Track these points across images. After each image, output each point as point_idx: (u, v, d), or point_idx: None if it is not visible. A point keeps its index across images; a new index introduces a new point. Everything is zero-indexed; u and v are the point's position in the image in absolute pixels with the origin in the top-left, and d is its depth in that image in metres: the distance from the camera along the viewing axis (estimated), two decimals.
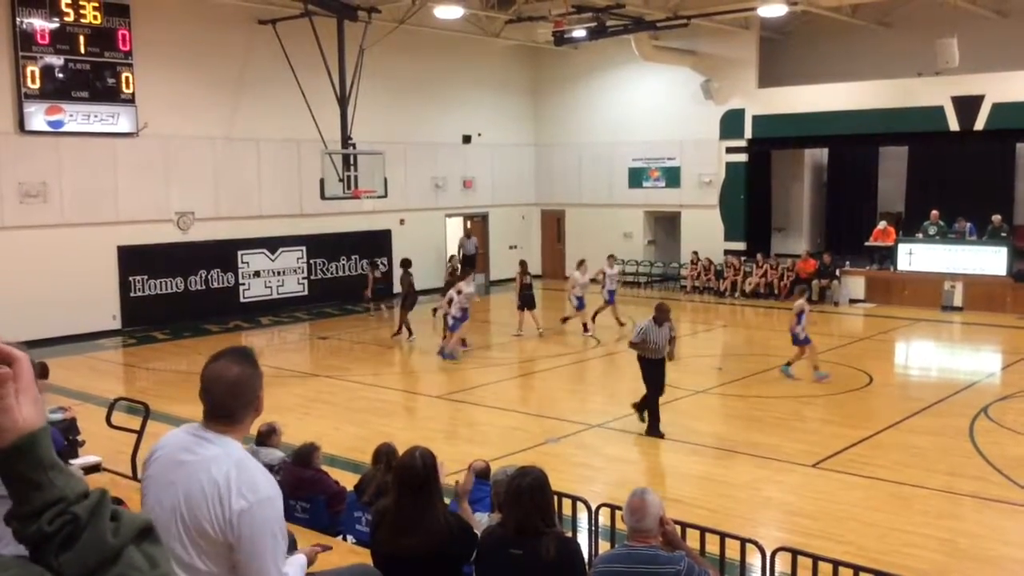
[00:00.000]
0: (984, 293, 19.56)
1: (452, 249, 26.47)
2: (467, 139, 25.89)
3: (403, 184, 23.37)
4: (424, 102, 24.49)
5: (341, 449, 9.74)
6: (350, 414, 12.01)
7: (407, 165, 23.84)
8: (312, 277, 22.51)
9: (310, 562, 3.82)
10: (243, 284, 21.15)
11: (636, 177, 26.11)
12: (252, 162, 21.02)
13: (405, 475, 4.02)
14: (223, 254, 20.67)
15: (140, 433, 8.08)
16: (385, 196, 20.13)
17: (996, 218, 20.79)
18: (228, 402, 2.91)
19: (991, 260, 20.31)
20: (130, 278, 19.16)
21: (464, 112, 25.69)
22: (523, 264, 19.49)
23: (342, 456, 9.47)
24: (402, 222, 24.12)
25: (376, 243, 23.56)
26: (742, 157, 24.23)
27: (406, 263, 19.08)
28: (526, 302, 18.62)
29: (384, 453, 6.82)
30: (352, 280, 23.16)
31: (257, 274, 21.38)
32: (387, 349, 18.37)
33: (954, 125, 20.86)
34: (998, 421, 11.56)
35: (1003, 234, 20.67)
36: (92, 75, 18.07)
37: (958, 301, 20.28)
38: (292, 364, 16.04)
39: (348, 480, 7.34)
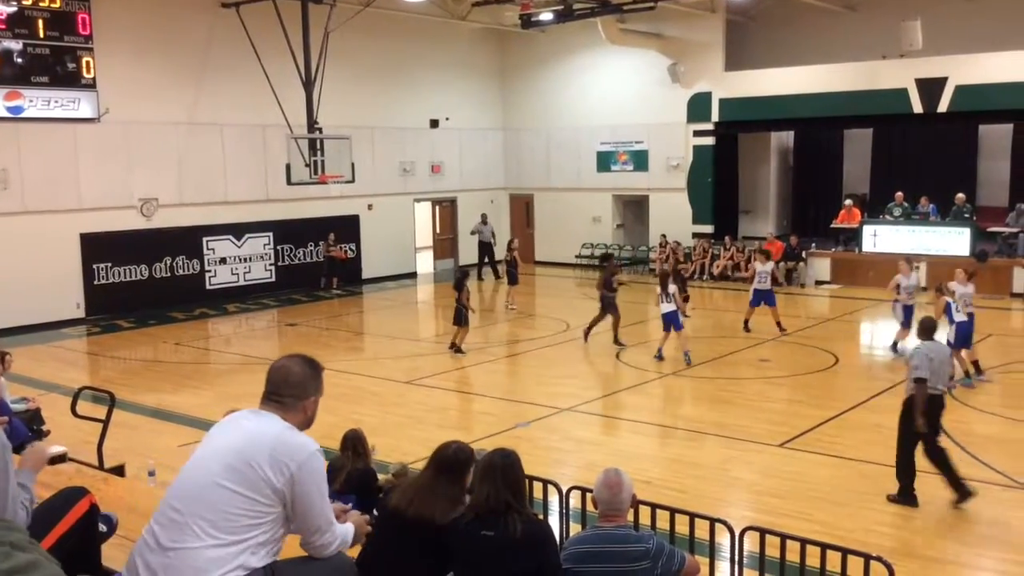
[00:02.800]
0: (948, 273, 19.61)
1: (424, 233, 26.40)
2: (435, 123, 25.75)
3: (371, 169, 23.21)
4: (391, 86, 24.31)
5: (311, 435, 9.66)
6: (320, 400, 11.90)
7: (374, 150, 23.69)
8: (279, 263, 22.32)
9: (360, 535, 3.87)
10: (209, 271, 20.93)
11: (604, 161, 26.12)
12: (216, 147, 20.76)
13: (438, 457, 4.21)
14: (188, 241, 20.43)
15: (105, 423, 7.97)
16: (352, 181, 19.98)
17: (960, 197, 21.05)
18: (283, 390, 3.43)
19: (954, 241, 20.57)
20: (93, 266, 18.89)
21: (431, 96, 25.54)
22: (510, 243, 21.38)
23: None
24: (370, 207, 23.97)
25: (344, 228, 23.40)
26: (709, 140, 24.32)
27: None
28: (511, 279, 20.32)
29: (352, 440, 6.76)
30: (320, 265, 23.00)
31: (223, 261, 21.16)
32: (356, 335, 18.28)
33: (918, 107, 21.06)
34: (962, 400, 11.73)
35: (966, 215, 20.94)
36: (52, 60, 17.72)
37: (922, 282, 20.48)
38: (260, 351, 15.91)
39: None
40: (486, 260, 24.77)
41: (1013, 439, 10.31)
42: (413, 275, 25.32)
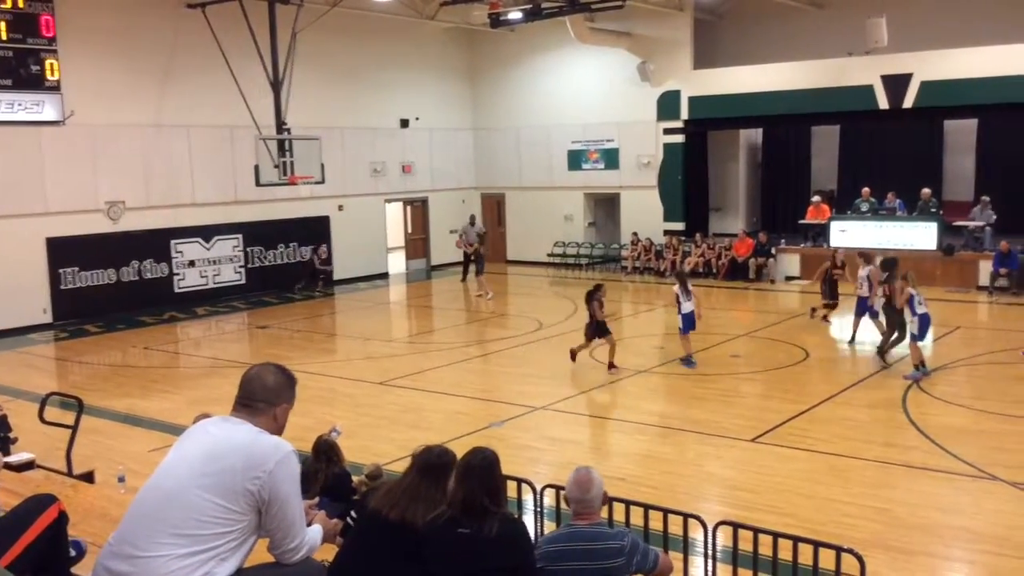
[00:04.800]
0: (914, 268, 19.78)
1: (396, 234, 26.32)
2: (405, 123, 25.68)
3: (341, 169, 23.12)
4: (360, 86, 24.22)
5: (284, 438, 9.59)
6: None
7: (344, 150, 23.58)
8: (249, 265, 22.15)
9: (328, 536, 3.87)
10: (177, 274, 20.74)
11: (575, 159, 26.18)
12: (183, 149, 20.57)
13: (420, 460, 4.21)
14: (156, 244, 20.23)
15: (74, 429, 7.87)
16: (322, 182, 19.88)
17: (926, 192, 21.32)
18: (256, 395, 3.45)
19: (921, 235, 20.83)
20: (60, 270, 18.65)
21: (401, 96, 25.48)
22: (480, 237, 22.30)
23: None
24: (341, 208, 23.86)
25: (315, 229, 23.29)
26: (679, 138, 24.45)
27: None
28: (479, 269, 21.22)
29: (324, 447, 6.76)
30: (291, 268, 22.88)
31: (192, 263, 20.97)
32: (328, 337, 18.19)
33: (884, 103, 21.29)
34: (929, 392, 11.88)
35: (932, 209, 21.21)
36: (15, 62, 17.46)
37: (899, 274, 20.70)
38: (231, 354, 15.78)
39: None
40: (472, 260, 24.33)
41: (980, 430, 10.46)
42: (385, 275, 25.25)
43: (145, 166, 19.90)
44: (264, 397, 3.45)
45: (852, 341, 14.86)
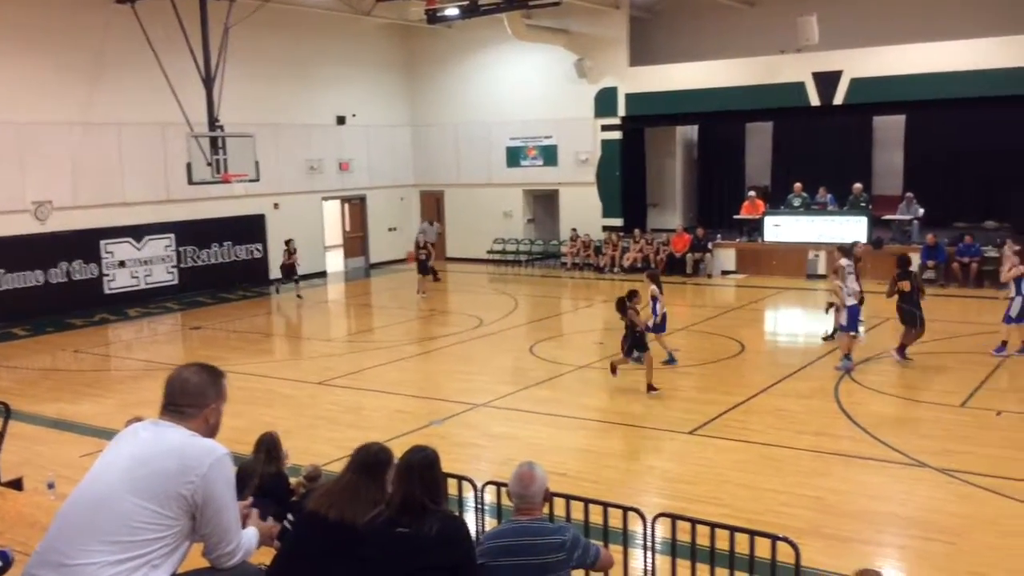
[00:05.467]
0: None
1: (330, 231, 26.04)
2: (341, 120, 25.44)
3: (276, 167, 22.80)
4: (295, 82, 23.91)
5: (219, 441, 9.42)
6: (226, 405, 11.62)
7: (279, 147, 23.26)
8: (182, 265, 21.72)
9: (264, 539, 3.78)
10: (107, 275, 20.24)
11: (514, 156, 26.23)
12: (113, 148, 20.08)
13: (357, 458, 4.14)
14: (85, 244, 19.71)
15: (1, 435, 7.63)
16: (257, 180, 19.54)
17: (856, 187, 21.86)
18: (181, 400, 3.35)
19: (852, 229, 21.28)
20: None
21: (337, 92, 25.23)
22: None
23: None
24: (276, 206, 23.54)
25: (250, 228, 22.94)
26: (616, 135, 24.65)
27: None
28: (422, 268, 20.74)
29: (266, 443, 6.63)
30: (225, 267, 22.50)
31: (122, 264, 20.48)
32: (265, 337, 17.94)
33: (815, 100, 21.75)
34: (860, 382, 12.18)
35: (863, 203, 21.73)
36: None
37: (822, 269, 21.20)
38: (164, 356, 15.46)
39: None
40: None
41: (909, 418, 10.76)
42: (323, 274, 24.98)
43: (74, 165, 19.37)
44: (191, 401, 3.36)
45: (830, 337, 14.54)
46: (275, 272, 23.17)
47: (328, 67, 24.84)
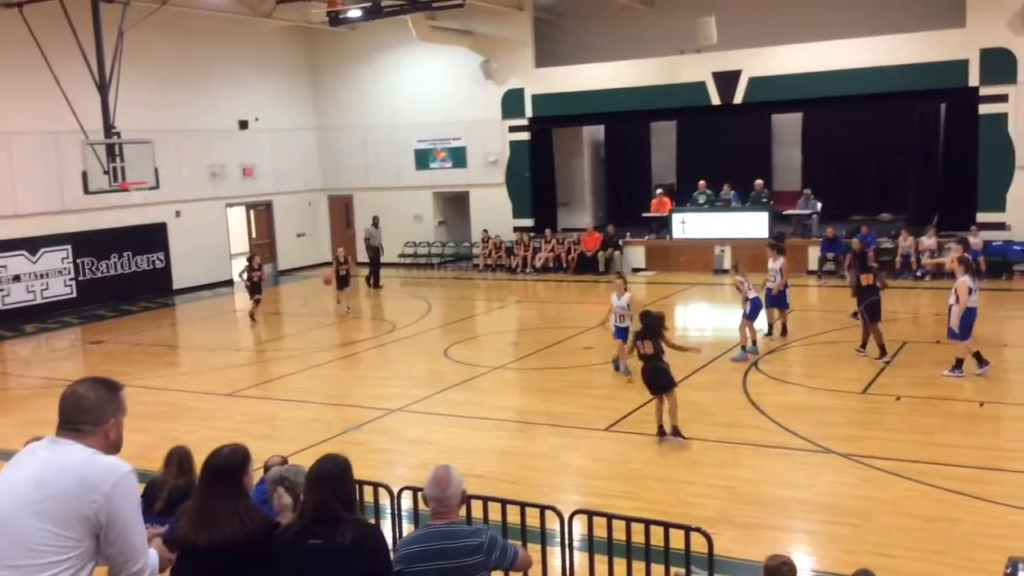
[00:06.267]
0: (750, 255, 20.94)
1: (236, 239, 25.45)
2: (244, 124, 24.92)
3: (177, 174, 22.17)
4: (194, 87, 23.32)
5: (125, 458, 9.11)
6: (132, 421, 11.18)
7: (180, 153, 22.63)
8: (81, 278, 20.94)
9: (163, 562, 3.65)
10: (1, 290, 19.38)
11: (423, 158, 26.11)
12: (3, 158, 19.26)
13: (208, 468, 4.00)
14: None
15: None
16: (157, 187, 18.95)
17: (758, 183, 22.48)
18: (78, 417, 3.22)
19: (754, 224, 21.92)
20: None
21: (239, 96, 24.70)
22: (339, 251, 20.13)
23: None
24: (178, 214, 22.91)
25: (151, 237, 22.28)
26: (525, 136, 24.77)
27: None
28: (342, 283, 19.34)
29: (177, 456, 6.45)
30: (126, 278, 21.77)
31: (17, 278, 19.64)
32: (170, 349, 17.43)
33: (716, 99, 22.26)
34: (767, 373, 12.51)
35: (764, 199, 22.36)
36: None
37: (727, 264, 21.72)
38: (64, 372, 14.84)
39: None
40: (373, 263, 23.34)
41: (814, 406, 11.09)
42: (229, 283, 24.41)
43: None
44: (88, 417, 3.24)
45: (770, 333, 14.63)
46: (179, 282, 22.58)
47: (229, 70, 24.31)
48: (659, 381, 9.74)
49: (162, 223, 22.57)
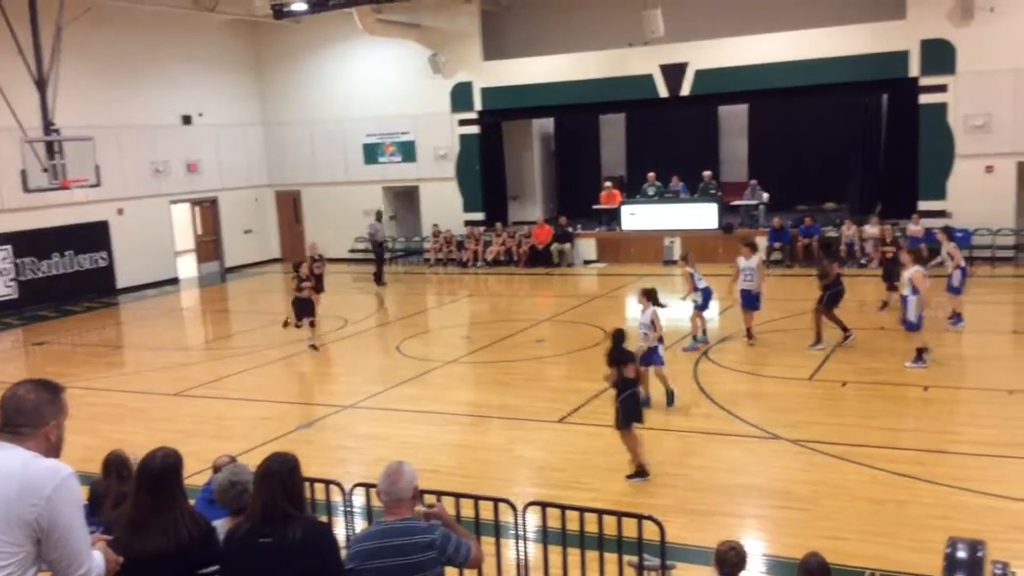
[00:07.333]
0: (699, 246, 21.19)
1: (181, 237, 25.03)
2: (187, 120, 24.48)
3: (119, 171, 21.73)
4: (137, 82, 22.83)
5: (69, 461, 8.91)
6: (75, 423, 10.96)
7: (122, 150, 22.17)
8: (22, 278, 20.42)
9: (110, 566, 3.55)
10: None
11: (371, 153, 25.90)
12: None
13: (143, 473, 3.93)
14: None
15: None
16: (98, 185, 18.51)
17: (706, 174, 22.70)
18: (17, 420, 3.17)
19: (703, 215, 22.13)
20: None
21: (182, 91, 24.25)
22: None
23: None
24: (121, 211, 22.44)
25: (93, 236, 21.79)
26: (474, 129, 24.70)
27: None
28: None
29: (114, 463, 6.32)
30: (69, 278, 21.28)
31: None
32: (115, 349, 17.08)
33: (663, 92, 22.41)
34: (717, 362, 12.65)
35: (712, 191, 22.58)
36: None
37: (677, 255, 21.93)
38: (4, 375, 14.44)
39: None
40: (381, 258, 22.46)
41: (763, 393, 11.24)
42: (175, 281, 24.00)
43: None
44: (27, 420, 3.18)
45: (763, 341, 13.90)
46: (124, 281, 22.16)
47: (172, 65, 23.85)
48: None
49: (104, 221, 22.09)
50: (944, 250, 14.37)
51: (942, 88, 19.96)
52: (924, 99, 20.19)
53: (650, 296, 10.56)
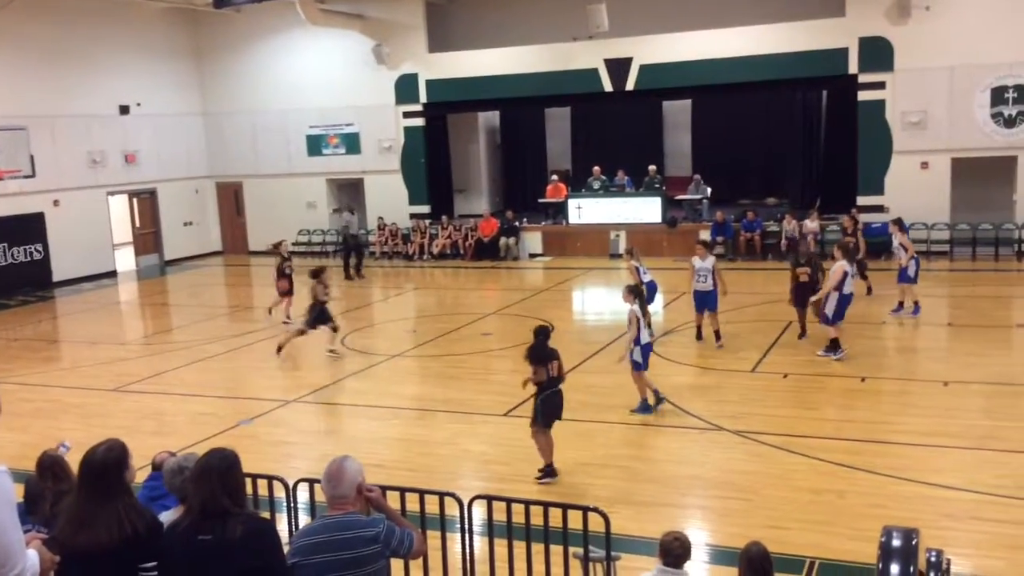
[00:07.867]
0: (644, 240, 21.37)
1: (119, 228, 24.47)
2: (125, 109, 23.92)
3: (54, 161, 21.17)
4: (71, 71, 22.23)
5: (3, 458, 8.64)
6: (10, 419, 10.70)
7: (57, 140, 21.59)
8: None
9: (46, 565, 3.45)
10: None
11: (315, 145, 25.59)
12: None
13: (85, 466, 3.82)
14: None
15: None
16: (33, 175, 18.09)
17: (651, 169, 22.89)
18: None
19: (648, 210, 22.31)
20: None
21: (120, 81, 23.68)
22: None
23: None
24: (56, 203, 21.86)
25: (27, 228, 21.19)
26: (419, 121, 24.55)
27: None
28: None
29: (47, 465, 6.16)
30: (2, 270, 20.68)
31: None
32: (50, 344, 16.64)
33: (608, 86, 22.51)
34: (662, 355, 12.74)
35: (656, 185, 22.77)
36: None
37: (622, 248, 22.05)
38: None
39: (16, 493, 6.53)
40: (352, 256, 21.61)
41: (706, 386, 11.38)
42: (113, 274, 23.46)
43: None
44: None
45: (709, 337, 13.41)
46: (60, 274, 21.60)
47: (109, 54, 23.27)
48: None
49: (39, 213, 21.49)
50: (896, 241, 14.70)
51: (880, 85, 20.37)
52: (863, 96, 20.59)
53: (635, 293, 10.44)
